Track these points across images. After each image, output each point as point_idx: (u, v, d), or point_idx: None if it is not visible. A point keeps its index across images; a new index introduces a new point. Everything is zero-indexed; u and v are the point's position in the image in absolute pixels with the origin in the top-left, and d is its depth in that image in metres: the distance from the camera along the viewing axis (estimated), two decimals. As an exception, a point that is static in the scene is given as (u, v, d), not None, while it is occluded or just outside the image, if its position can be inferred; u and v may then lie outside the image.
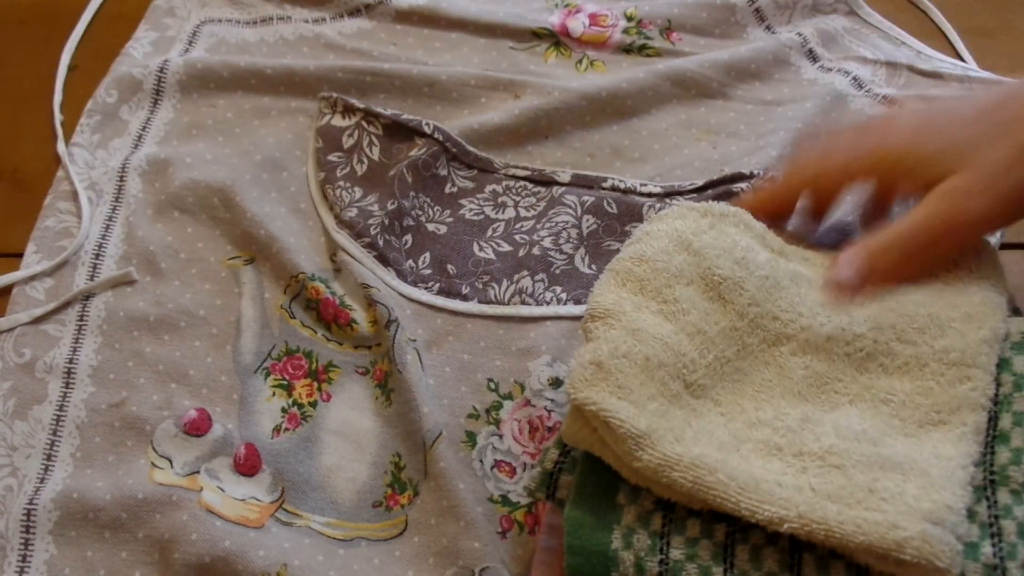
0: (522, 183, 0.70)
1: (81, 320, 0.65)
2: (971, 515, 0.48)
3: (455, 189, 0.70)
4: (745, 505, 0.47)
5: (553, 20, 0.77)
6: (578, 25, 0.77)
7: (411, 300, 0.65)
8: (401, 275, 0.66)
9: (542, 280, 0.65)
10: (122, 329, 0.65)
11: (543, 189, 0.69)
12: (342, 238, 0.67)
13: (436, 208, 0.69)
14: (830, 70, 0.73)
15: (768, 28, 0.76)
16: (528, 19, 0.77)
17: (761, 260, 0.55)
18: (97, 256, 0.67)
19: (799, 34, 0.74)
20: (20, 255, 0.68)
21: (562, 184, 0.69)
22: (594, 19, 0.77)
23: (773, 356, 0.54)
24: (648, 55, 0.75)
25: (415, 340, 0.64)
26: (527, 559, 0.57)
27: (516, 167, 0.70)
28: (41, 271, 0.66)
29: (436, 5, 0.77)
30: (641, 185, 0.68)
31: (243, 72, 0.74)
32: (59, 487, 0.59)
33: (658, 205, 0.67)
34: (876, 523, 0.46)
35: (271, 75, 0.74)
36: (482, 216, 0.69)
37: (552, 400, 0.61)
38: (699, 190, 0.68)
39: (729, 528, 0.49)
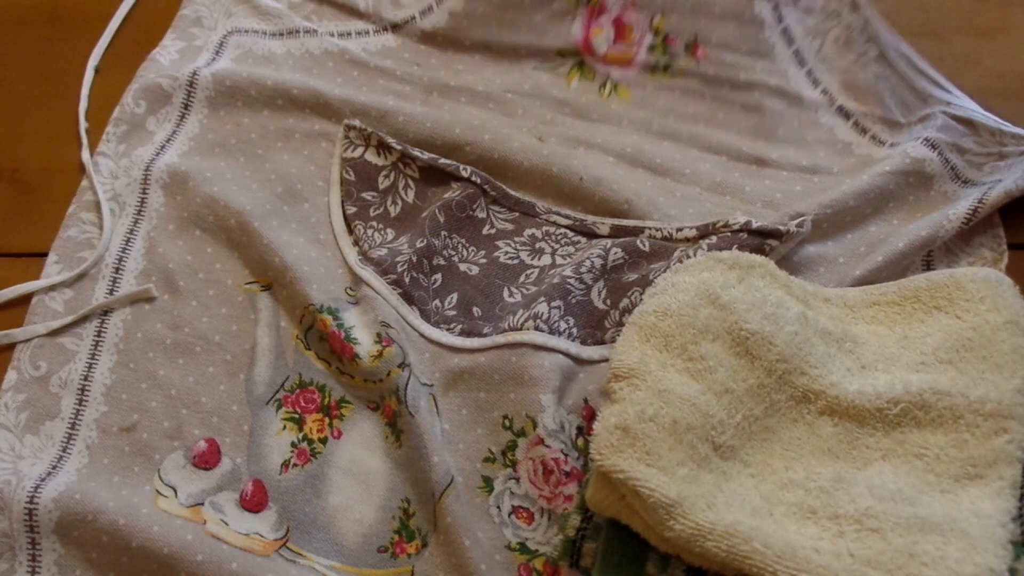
0: (563, 231, 0.67)
1: (99, 336, 0.64)
2: (1012, 573, 0.46)
3: (493, 231, 0.68)
4: (783, 574, 0.45)
5: (576, 32, 0.74)
6: (602, 41, 0.74)
7: (431, 342, 0.64)
8: (425, 315, 0.65)
9: (558, 308, 0.63)
10: (138, 349, 0.64)
11: (583, 239, 0.67)
12: (367, 274, 0.66)
13: (471, 248, 0.68)
14: (864, 131, 0.70)
15: (797, 54, 0.72)
16: (551, 34, 0.74)
17: (791, 316, 0.53)
18: (117, 270, 0.67)
19: (824, 92, 0.71)
20: (20, 255, 0.68)
21: (602, 236, 0.67)
22: (619, 32, 0.74)
23: (801, 413, 0.52)
24: (673, 76, 0.73)
25: (431, 385, 0.62)
26: None
27: (558, 214, 0.68)
28: (60, 282, 0.66)
29: (458, 26, 0.76)
30: (678, 231, 0.65)
31: (270, 91, 0.73)
32: (61, 488, 0.58)
33: (691, 249, 0.64)
34: (918, 590, 0.44)
35: (297, 95, 0.73)
36: (517, 261, 0.67)
37: (565, 443, 0.58)
38: (734, 231, 0.64)
39: (765, 598, 0.47)
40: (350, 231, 0.68)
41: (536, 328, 0.62)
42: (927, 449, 0.50)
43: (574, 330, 0.62)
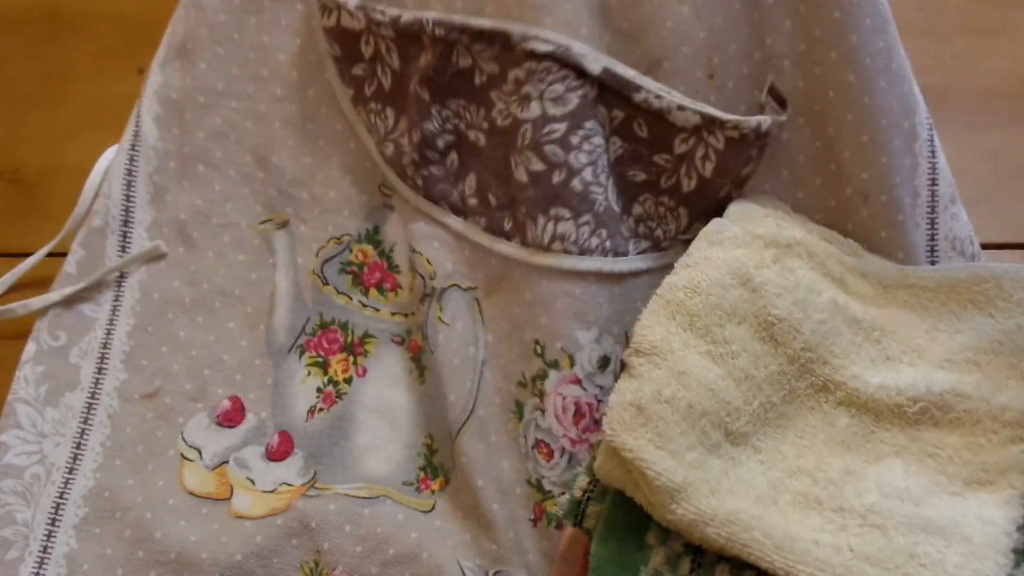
0: (545, 65, 0.58)
1: (116, 300, 0.63)
2: (1011, 582, 0.47)
3: (484, 78, 0.61)
4: (780, 564, 0.46)
5: None
6: None
7: (467, 240, 0.62)
8: (454, 208, 0.62)
9: (587, 223, 0.59)
10: (156, 311, 0.63)
11: (571, 74, 0.59)
12: (391, 175, 0.64)
13: (471, 108, 0.62)
14: None
15: None
16: None
17: (822, 302, 0.53)
18: (125, 223, 0.64)
19: None
20: (20, 255, 0.67)
21: (592, 75, 0.59)
22: None
23: (819, 402, 0.52)
24: None
25: (475, 288, 0.61)
26: (552, 554, 0.57)
27: (536, 38, 0.58)
28: (63, 236, 0.64)
29: None
30: (678, 108, 0.59)
31: None
32: (90, 483, 0.58)
33: (692, 140, 0.59)
34: (914, 591, 0.44)
35: None
36: (510, 119, 0.60)
37: (601, 387, 0.58)
38: (743, 134, 0.58)
39: (759, 579, 0.48)
40: (359, 116, 0.65)
41: (565, 251, 0.59)
42: (941, 449, 0.50)
43: (607, 243, 0.59)
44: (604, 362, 0.58)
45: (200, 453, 0.59)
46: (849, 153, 0.59)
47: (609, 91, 0.59)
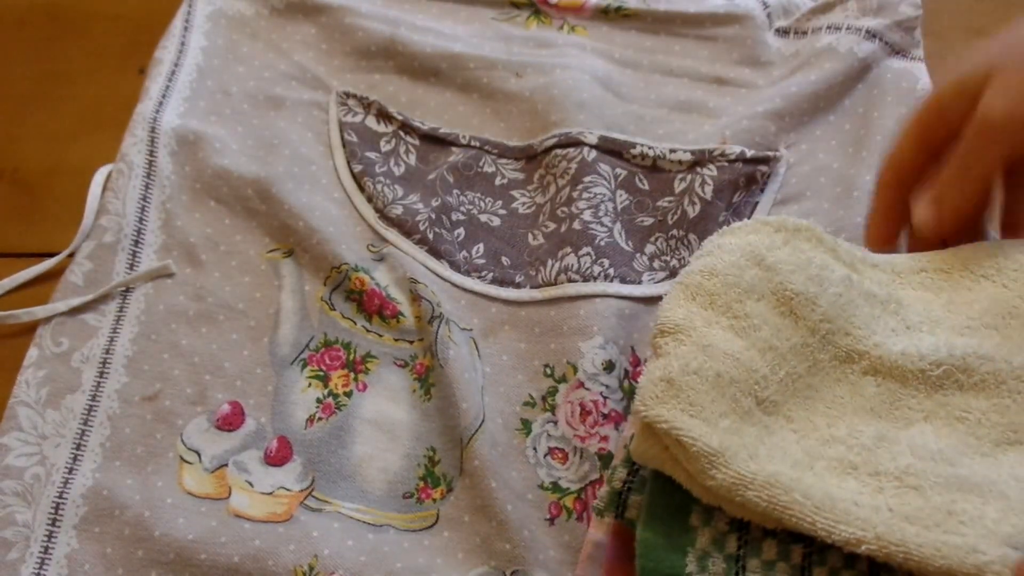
0: (554, 152, 0.68)
1: (120, 311, 0.64)
2: (1050, 538, 0.47)
3: (505, 180, 0.70)
4: (821, 525, 0.46)
5: None
6: None
7: (464, 290, 0.65)
8: (455, 266, 0.66)
9: (588, 254, 0.64)
10: (160, 321, 0.64)
11: (572, 150, 0.68)
12: (392, 235, 0.67)
13: (487, 199, 0.69)
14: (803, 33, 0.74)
15: None
16: None
17: (836, 278, 0.54)
18: (136, 243, 0.66)
19: (769, 15, 0.75)
20: (21, 255, 0.68)
21: (590, 146, 0.68)
22: None
23: (844, 373, 0.53)
24: (626, 15, 0.76)
25: (470, 329, 0.64)
26: (575, 546, 0.57)
27: (548, 137, 0.70)
28: (73, 250, 0.66)
29: None
30: (671, 152, 0.69)
31: (256, 68, 0.74)
32: (89, 482, 0.58)
33: (689, 176, 0.67)
34: (956, 546, 0.44)
35: (284, 70, 0.74)
36: (533, 207, 0.69)
37: (607, 386, 0.60)
38: (731, 161, 0.68)
39: (806, 549, 0.48)
40: (361, 189, 0.69)
41: (569, 280, 0.63)
42: (969, 413, 0.50)
43: (610, 271, 0.64)
44: (609, 365, 0.60)
45: (199, 456, 0.60)
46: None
47: (609, 153, 0.68)
